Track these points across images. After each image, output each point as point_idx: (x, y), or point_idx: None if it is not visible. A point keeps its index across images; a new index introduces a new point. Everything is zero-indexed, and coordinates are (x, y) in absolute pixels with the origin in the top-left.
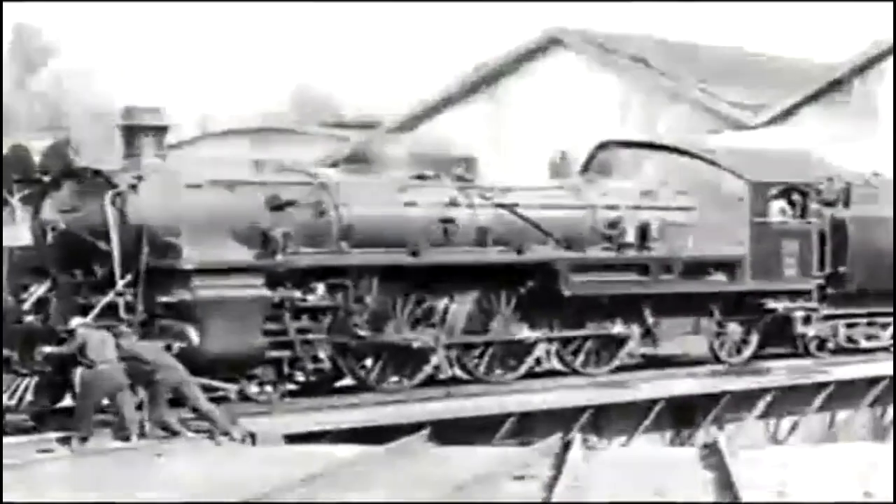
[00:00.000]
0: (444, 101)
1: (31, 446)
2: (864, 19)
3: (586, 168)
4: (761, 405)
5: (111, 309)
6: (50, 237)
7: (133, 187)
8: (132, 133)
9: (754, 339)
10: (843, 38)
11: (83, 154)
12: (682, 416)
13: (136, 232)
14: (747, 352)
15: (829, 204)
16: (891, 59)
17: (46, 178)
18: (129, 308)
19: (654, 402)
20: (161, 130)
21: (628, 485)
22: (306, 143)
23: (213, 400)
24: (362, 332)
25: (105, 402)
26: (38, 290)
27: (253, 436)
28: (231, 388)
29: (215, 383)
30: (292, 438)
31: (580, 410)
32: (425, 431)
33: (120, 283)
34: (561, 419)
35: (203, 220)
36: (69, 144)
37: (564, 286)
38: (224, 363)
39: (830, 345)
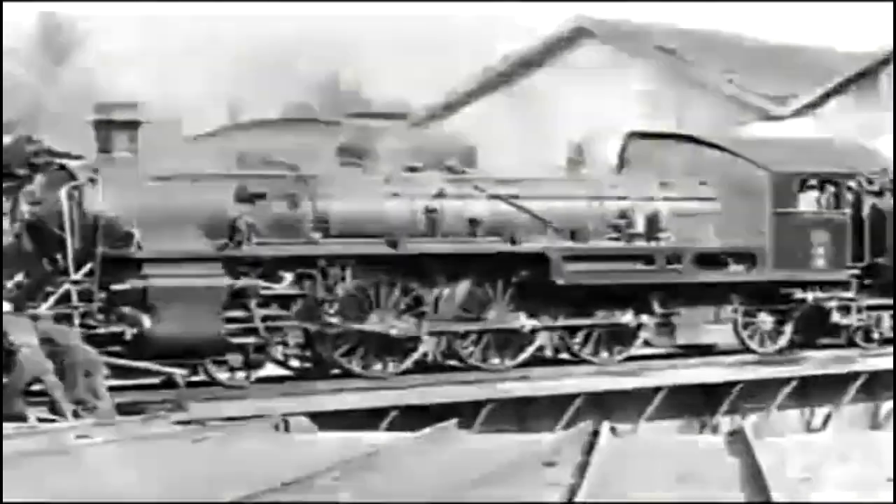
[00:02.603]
0: (471, 93)
1: (70, 433)
2: (889, 11)
3: (621, 160)
4: (784, 394)
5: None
6: (17, 228)
7: (91, 181)
8: (105, 128)
9: (788, 329)
10: (871, 29)
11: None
12: (708, 404)
13: (94, 223)
14: (780, 342)
15: (879, 194)
16: None
17: (21, 172)
18: (86, 296)
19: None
20: (133, 125)
21: (655, 471)
22: (331, 134)
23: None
24: (333, 321)
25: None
26: (16, 279)
27: (286, 423)
28: (177, 373)
29: (161, 368)
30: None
31: (590, 396)
32: (455, 419)
33: (79, 274)
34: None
35: (168, 211)
36: (29, 141)
37: (558, 275)
38: (178, 349)
39: (875, 335)
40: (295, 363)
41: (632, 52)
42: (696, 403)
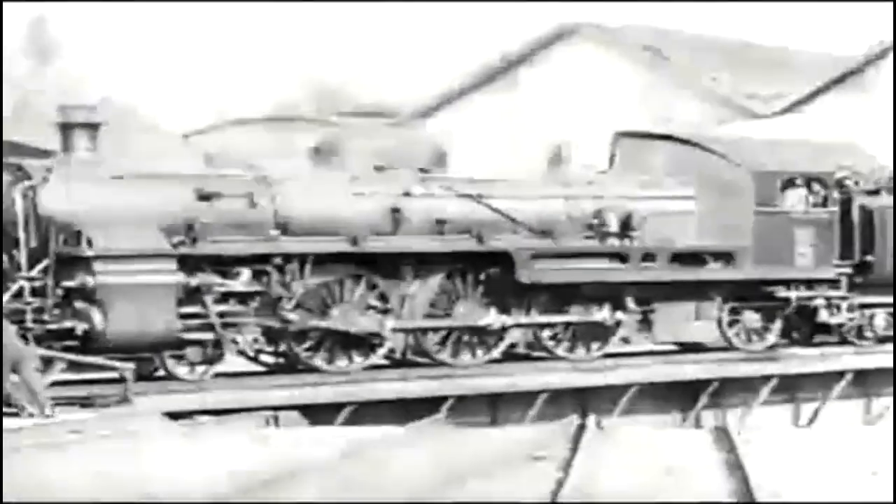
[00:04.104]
0: (459, 92)
1: (63, 427)
2: (878, 12)
3: (611, 160)
4: (766, 391)
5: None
6: None
7: (45, 180)
8: (67, 129)
9: (776, 327)
10: (858, 29)
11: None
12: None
13: (47, 221)
14: (768, 340)
15: (874, 192)
16: None
17: None
18: (39, 292)
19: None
20: (93, 127)
21: (640, 465)
22: (312, 132)
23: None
24: (291, 317)
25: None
26: None
27: (276, 418)
28: (125, 367)
29: (106, 362)
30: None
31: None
32: (443, 414)
33: (34, 271)
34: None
35: (124, 210)
36: None
37: (524, 274)
38: (130, 344)
39: (868, 334)
40: (269, 359)
41: (619, 51)
42: (680, 399)
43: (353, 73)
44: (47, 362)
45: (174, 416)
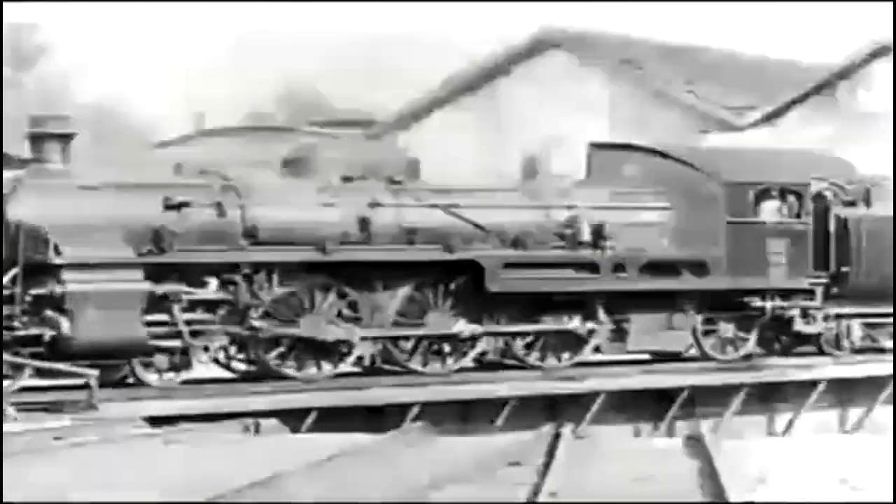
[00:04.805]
0: (435, 101)
1: (48, 434)
2: (856, 21)
3: (588, 170)
4: (739, 400)
5: None
6: None
7: (14, 189)
8: (39, 140)
9: (752, 336)
10: (834, 41)
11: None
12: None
13: (16, 231)
14: (743, 350)
15: (852, 204)
16: (879, 63)
17: None
18: (8, 300)
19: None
20: (65, 137)
21: (616, 472)
22: (285, 142)
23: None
24: (259, 325)
25: None
26: None
27: (257, 425)
28: (90, 374)
29: (73, 369)
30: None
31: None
32: (422, 422)
33: (5, 279)
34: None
35: (93, 219)
36: None
37: (492, 283)
38: (98, 351)
39: (845, 344)
40: (241, 366)
41: (594, 62)
42: (653, 409)
43: (328, 83)
44: (16, 368)
45: (152, 421)
